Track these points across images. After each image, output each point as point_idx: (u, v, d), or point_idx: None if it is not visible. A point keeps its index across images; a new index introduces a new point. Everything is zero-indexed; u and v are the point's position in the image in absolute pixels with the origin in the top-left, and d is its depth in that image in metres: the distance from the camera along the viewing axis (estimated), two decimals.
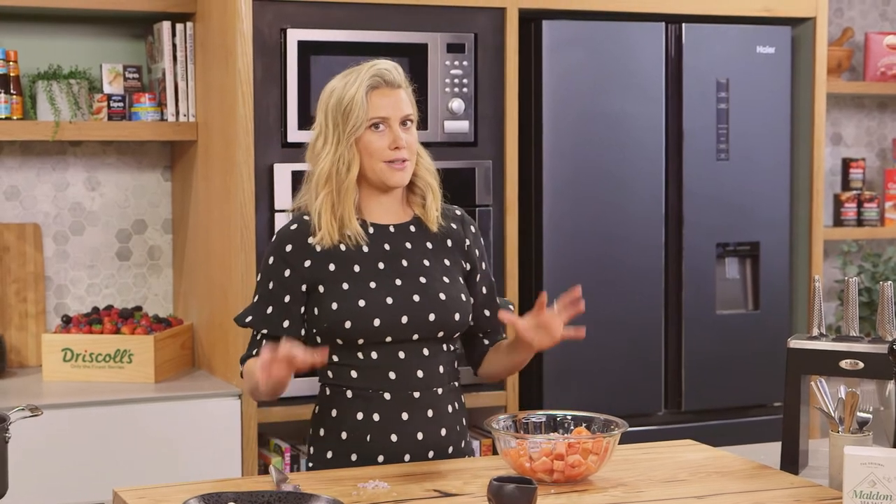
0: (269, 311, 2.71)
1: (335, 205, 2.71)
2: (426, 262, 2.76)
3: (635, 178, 4.07)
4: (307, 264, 2.70)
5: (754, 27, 4.21)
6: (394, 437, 2.69)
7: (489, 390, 3.90)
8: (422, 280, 2.73)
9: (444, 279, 2.76)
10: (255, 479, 2.58)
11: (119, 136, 3.88)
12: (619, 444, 2.55)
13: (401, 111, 2.73)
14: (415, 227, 2.80)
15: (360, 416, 2.70)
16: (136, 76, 3.99)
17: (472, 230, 2.88)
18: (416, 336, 2.70)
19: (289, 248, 2.72)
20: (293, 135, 3.69)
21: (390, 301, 2.68)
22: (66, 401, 3.51)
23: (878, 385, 2.60)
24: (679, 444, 2.84)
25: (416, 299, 2.70)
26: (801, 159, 4.34)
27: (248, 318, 2.75)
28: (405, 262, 2.74)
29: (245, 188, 3.62)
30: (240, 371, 2.80)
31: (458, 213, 2.89)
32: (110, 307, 3.97)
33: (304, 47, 3.68)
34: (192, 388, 3.68)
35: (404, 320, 2.67)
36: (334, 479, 2.50)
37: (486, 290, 2.87)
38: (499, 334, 2.91)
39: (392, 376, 2.70)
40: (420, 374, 2.71)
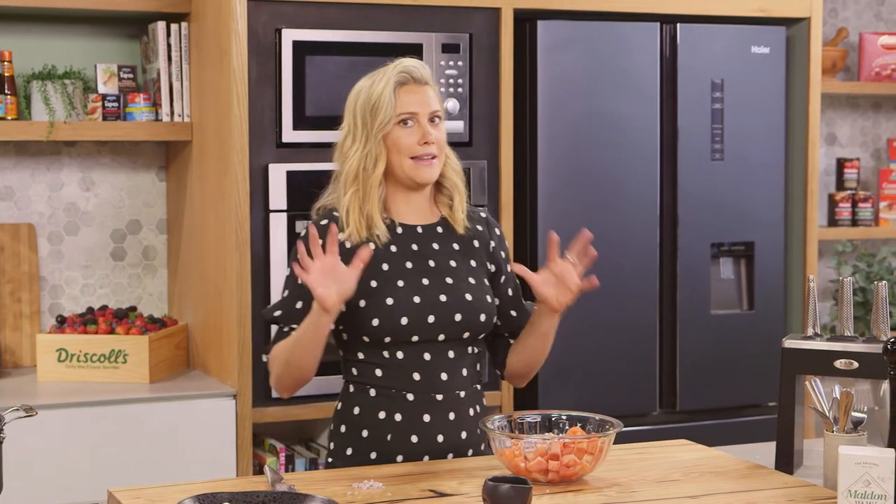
0: (299, 306, 2.70)
1: (362, 202, 2.72)
2: (453, 262, 2.77)
3: (630, 178, 4.07)
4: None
5: (749, 27, 4.21)
6: (414, 438, 2.70)
7: (485, 390, 3.88)
8: (448, 280, 2.74)
9: (471, 280, 2.77)
10: (249, 480, 2.58)
11: (114, 137, 3.88)
12: (614, 444, 2.55)
13: (429, 107, 2.74)
14: (442, 229, 2.81)
15: (382, 415, 2.70)
16: (130, 76, 3.99)
17: (497, 232, 2.90)
18: (442, 336, 2.71)
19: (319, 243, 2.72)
20: (288, 135, 3.69)
21: (418, 300, 2.68)
22: (60, 401, 3.51)
23: (872, 385, 2.61)
24: (674, 443, 2.84)
25: (442, 299, 2.70)
26: (796, 159, 4.34)
27: (278, 313, 2.73)
28: (432, 262, 2.75)
29: (240, 188, 3.62)
30: (264, 359, 2.76)
31: (483, 214, 2.90)
32: (105, 307, 3.97)
33: (298, 47, 3.68)
34: (187, 389, 3.68)
35: (431, 320, 2.68)
36: (329, 479, 2.50)
37: (512, 292, 2.89)
38: None
39: (416, 377, 2.71)
40: (444, 376, 2.72)
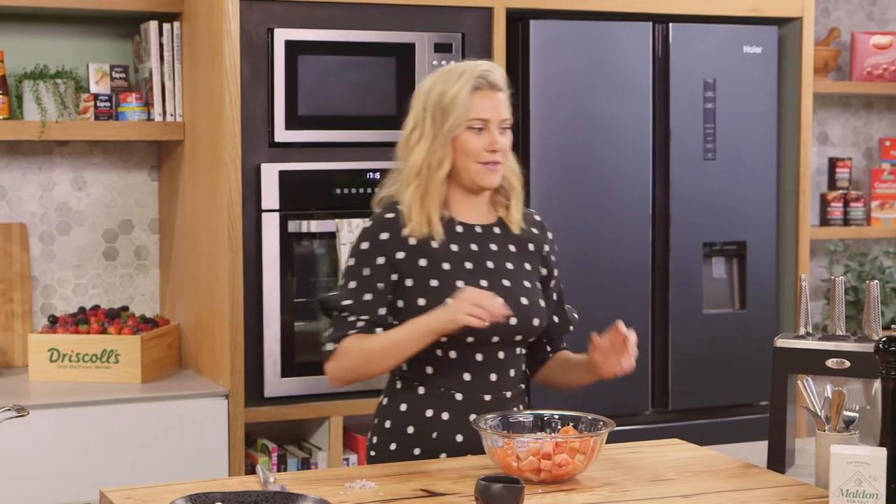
0: (369, 297, 2.69)
1: (423, 200, 2.71)
2: (509, 265, 2.78)
3: (622, 178, 4.07)
4: (400, 255, 2.71)
5: (741, 27, 4.21)
6: (459, 438, 2.71)
7: None
8: (505, 283, 2.75)
9: (526, 283, 2.78)
10: (242, 480, 2.58)
11: (106, 136, 3.87)
12: (607, 443, 2.55)
13: (500, 114, 2.74)
14: (499, 229, 2.82)
15: (429, 413, 2.71)
16: (122, 76, 3.99)
17: (550, 236, 2.91)
18: (495, 338, 2.71)
19: (385, 236, 2.72)
20: (280, 135, 3.68)
21: None
22: (52, 401, 3.50)
23: (864, 384, 2.61)
24: (666, 443, 2.84)
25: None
26: (788, 159, 4.34)
27: (347, 302, 2.70)
28: (490, 263, 2.76)
29: (232, 188, 3.61)
30: (329, 346, 2.71)
31: (537, 218, 2.91)
32: (97, 307, 3.96)
33: (291, 47, 3.68)
34: (179, 389, 3.67)
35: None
36: (321, 478, 2.49)
37: (557, 297, 2.90)
38: (561, 342, 2.94)
39: (466, 377, 2.72)
40: (493, 377, 2.74)
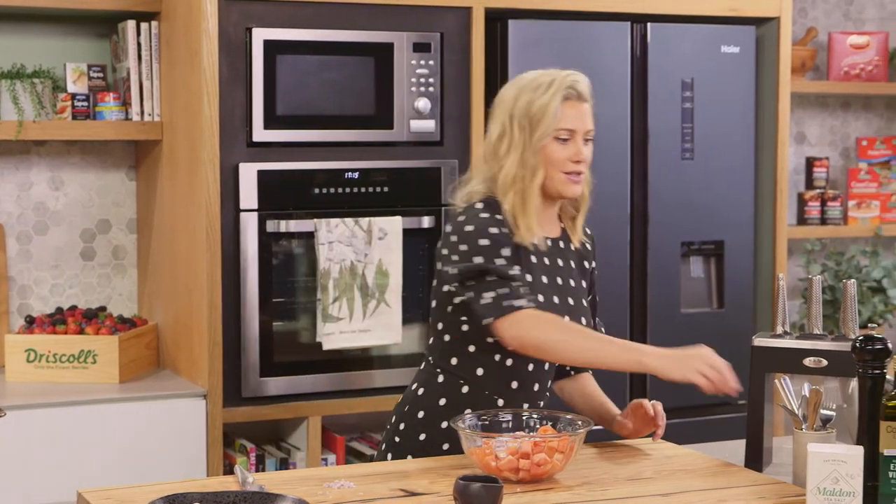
0: (507, 253, 2.64)
1: (521, 208, 2.70)
2: (572, 282, 2.80)
3: (600, 177, 4.00)
4: (505, 252, 2.68)
5: (719, 27, 4.22)
6: None
7: None
8: (570, 301, 2.77)
9: (584, 303, 2.81)
10: (220, 480, 2.57)
11: (83, 136, 3.86)
12: (585, 442, 2.55)
13: (586, 125, 2.75)
14: (563, 243, 2.83)
15: (468, 413, 2.70)
16: (100, 75, 3.97)
17: (594, 252, 2.91)
18: None
19: (504, 230, 2.69)
20: (259, 134, 3.68)
21: None
22: (29, 402, 3.49)
23: (841, 382, 2.62)
24: (644, 442, 2.84)
25: (565, 320, 2.70)
26: (766, 158, 4.36)
27: (514, 272, 2.61)
28: (559, 279, 2.78)
29: (210, 188, 3.61)
30: (519, 303, 2.61)
31: (588, 231, 2.91)
32: (74, 307, 3.95)
33: (269, 46, 3.67)
34: (157, 389, 3.66)
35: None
36: (300, 478, 2.49)
37: (591, 309, 2.91)
38: None
39: (514, 385, 2.74)
40: (536, 387, 2.77)
